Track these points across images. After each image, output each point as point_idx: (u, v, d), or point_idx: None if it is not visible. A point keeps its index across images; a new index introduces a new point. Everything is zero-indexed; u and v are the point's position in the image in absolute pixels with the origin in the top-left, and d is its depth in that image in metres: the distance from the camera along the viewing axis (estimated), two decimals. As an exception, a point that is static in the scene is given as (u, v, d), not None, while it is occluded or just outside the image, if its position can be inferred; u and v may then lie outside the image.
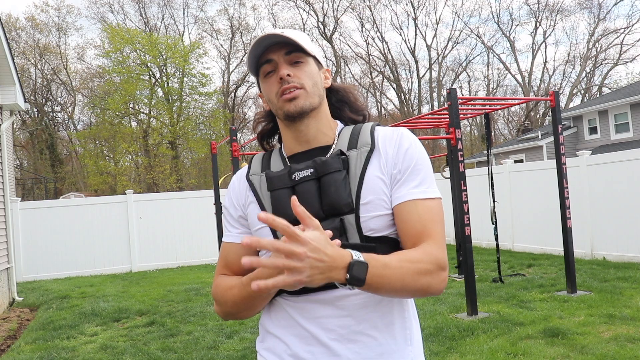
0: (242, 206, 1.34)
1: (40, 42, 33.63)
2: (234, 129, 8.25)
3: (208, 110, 33.83)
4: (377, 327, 1.20)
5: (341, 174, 1.21)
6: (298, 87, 1.25)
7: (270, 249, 0.97)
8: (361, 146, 1.26)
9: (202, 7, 51.72)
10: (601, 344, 4.42)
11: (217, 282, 1.33)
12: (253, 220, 1.30)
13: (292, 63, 1.27)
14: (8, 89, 8.40)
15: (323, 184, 1.21)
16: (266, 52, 1.27)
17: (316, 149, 1.31)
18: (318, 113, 1.30)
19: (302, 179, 1.23)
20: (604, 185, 8.59)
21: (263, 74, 1.30)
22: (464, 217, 5.82)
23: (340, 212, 1.19)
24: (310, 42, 1.32)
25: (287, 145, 1.34)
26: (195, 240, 11.61)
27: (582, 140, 22.48)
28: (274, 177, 1.26)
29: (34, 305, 8.03)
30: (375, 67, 38.55)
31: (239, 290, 1.23)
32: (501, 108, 8.16)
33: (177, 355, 4.98)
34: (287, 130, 1.33)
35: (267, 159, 1.36)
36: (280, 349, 1.25)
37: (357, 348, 1.19)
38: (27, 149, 34.52)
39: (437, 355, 4.48)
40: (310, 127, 1.29)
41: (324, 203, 1.20)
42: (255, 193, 1.30)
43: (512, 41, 37.24)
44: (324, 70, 1.35)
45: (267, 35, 1.24)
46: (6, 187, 8.28)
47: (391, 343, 1.22)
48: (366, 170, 1.23)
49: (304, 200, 1.18)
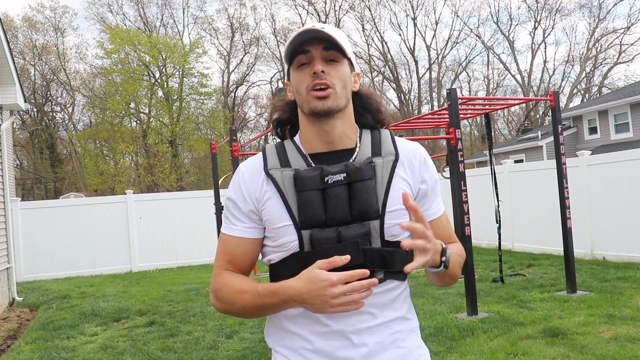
0: (256, 200, 1.30)
1: (38, 43, 33.64)
2: (234, 129, 8.27)
3: (208, 110, 33.85)
4: (392, 320, 1.30)
5: (372, 182, 1.25)
6: (329, 86, 1.25)
7: (419, 233, 1.18)
8: (385, 155, 1.31)
9: (202, 7, 51.81)
10: (601, 344, 4.42)
11: (223, 280, 1.31)
12: (273, 217, 1.27)
13: (327, 60, 1.27)
14: (8, 89, 8.40)
15: (355, 190, 1.24)
16: (304, 43, 1.26)
17: (340, 151, 1.31)
18: (344, 115, 1.31)
19: (335, 182, 1.24)
20: (603, 185, 8.59)
21: (297, 64, 1.29)
22: (464, 217, 5.81)
23: (368, 217, 1.23)
24: (348, 42, 1.32)
25: (308, 142, 1.32)
26: (195, 240, 11.61)
27: (582, 140, 22.49)
28: (306, 177, 1.25)
29: (34, 305, 8.03)
30: (375, 67, 38.57)
31: (253, 299, 1.24)
32: (501, 108, 8.16)
33: (177, 355, 4.98)
34: (310, 126, 1.31)
35: (284, 153, 1.32)
36: (299, 345, 1.28)
37: (376, 338, 1.27)
38: (27, 149, 34.51)
39: (437, 355, 4.47)
40: (336, 127, 1.30)
41: (354, 208, 1.24)
42: (278, 189, 1.27)
43: (512, 41, 37.29)
44: (354, 73, 1.35)
45: (309, 29, 1.24)
46: (6, 187, 8.28)
47: (404, 331, 1.33)
48: (392, 180, 1.28)
49: (334, 203, 1.23)
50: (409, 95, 38.73)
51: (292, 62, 1.30)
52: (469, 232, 5.82)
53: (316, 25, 1.26)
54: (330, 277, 1.13)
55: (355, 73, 1.35)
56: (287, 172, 1.28)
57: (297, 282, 1.17)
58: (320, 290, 1.13)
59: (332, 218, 1.23)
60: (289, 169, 1.28)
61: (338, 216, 1.23)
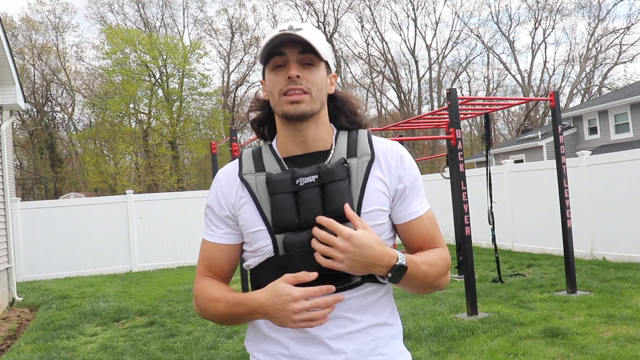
0: (231, 206, 1.30)
1: (38, 42, 33.63)
2: (234, 129, 8.25)
3: (208, 110, 33.84)
4: (372, 326, 1.27)
5: (345, 183, 1.23)
6: (304, 92, 1.24)
7: (314, 234, 1.16)
8: (361, 155, 1.28)
9: (202, 7, 51.81)
10: (601, 344, 4.42)
11: (201, 287, 1.32)
12: (248, 222, 1.27)
13: (303, 64, 1.25)
14: (8, 89, 8.40)
15: (327, 192, 1.22)
16: (280, 45, 1.24)
17: (315, 153, 1.29)
18: (318, 118, 1.29)
19: (306, 185, 1.22)
20: (603, 185, 8.59)
21: (272, 65, 1.27)
22: (464, 217, 5.82)
23: (342, 219, 1.19)
24: (326, 44, 1.30)
25: (283, 145, 1.31)
26: (195, 240, 11.59)
27: (582, 140, 22.48)
28: (277, 180, 1.23)
29: (33, 305, 8.03)
30: (375, 67, 38.57)
31: (224, 307, 1.25)
32: (501, 108, 8.16)
33: (177, 355, 4.98)
34: (284, 128, 1.30)
35: (259, 158, 1.32)
36: (276, 351, 1.26)
37: (354, 345, 1.24)
38: (27, 149, 34.51)
39: (437, 355, 4.47)
40: (310, 130, 1.28)
41: (327, 210, 1.21)
42: (251, 194, 1.27)
43: (512, 41, 37.30)
44: (331, 75, 1.33)
45: (286, 33, 1.21)
46: (6, 187, 8.28)
47: (384, 337, 1.29)
48: (367, 180, 1.26)
49: (306, 206, 1.21)
50: (409, 95, 38.75)
51: (267, 62, 1.28)
52: (468, 232, 5.82)
53: (294, 25, 1.24)
54: (293, 292, 1.12)
55: (331, 75, 1.33)
56: (261, 177, 1.27)
57: (262, 294, 1.17)
58: (282, 304, 1.13)
59: (305, 221, 1.21)
60: (262, 174, 1.27)
61: (311, 219, 1.20)
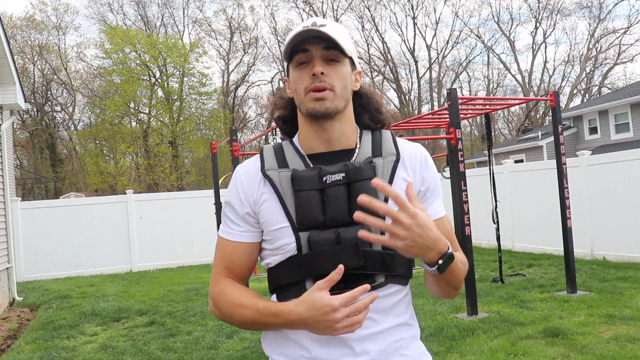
0: (253, 203, 1.27)
1: (39, 42, 33.62)
2: (234, 129, 8.26)
3: (208, 110, 33.84)
4: (395, 327, 1.26)
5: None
6: (328, 88, 1.22)
7: (381, 212, 1.06)
8: (386, 155, 1.28)
9: (201, 7, 51.78)
10: (601, 344, 4.42)
11: (223, 290, 1.27)
12: (270, 219, 1.24)
13: (327, 60, 1.23)
14: (8, 88, 8.39)
15: (354, 190, 1.20)
16: (304, 42, 1.22)
17: (340, 151, 1.28)
18: (343, 116, 1.27)
19: (333, 182, 1.21)
20: (604, 185, 8.59)
21: (296, 62, 1.25)
22: (464, 217, 5.82)
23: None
24: (350, 40, 1.28)
25: (307, 142, 1.30)
26: (195, 240, 11.60)
27: (582, 140, 22.48)
28: (303, 177, 1.22)
29: (34, 305, 8.03)
30: (375, 67, 38.55)
31: (253, 315, 1.21)
32: (501, 108, 8.16)
33: (177, 355, 4.98)
34: (308, 126, 1.28)
35: (281, 154, 1.29)
36: (297, 354, 1.24)
37: (378, 346, 1.23)
38: (27, 149, 34.51)
39: (437, 355, 4.47)
40: (335, 128, 1.27)
41: (353, 209, 1.17)
42: (275, 190, 1.24)
43: (512, 41, 37.27)
44: (356, 72, 1.31)
45: (310, 29, 1.20)
46: (6, 187, 8.28)
47: (406, 338, 1.29)
48: (393, 180, 1.25)
49: (332, 204, 1.20)
50: (409, 95, 38.72)
51: (291, 59, 1.26)
52: (469, 232, 5.82)
53: (317, 22, 1.22)
54: (333, 302, 1.09)
55: (356, 72, 1.31)
56: (285, 173, 1.25)
57: (299, 306, 1.14)
58: (322, 315, 1.10)
59: (330, 219, 1.20)
60: (286, 170, 1.25)
61: (337, 217, 1.19)
